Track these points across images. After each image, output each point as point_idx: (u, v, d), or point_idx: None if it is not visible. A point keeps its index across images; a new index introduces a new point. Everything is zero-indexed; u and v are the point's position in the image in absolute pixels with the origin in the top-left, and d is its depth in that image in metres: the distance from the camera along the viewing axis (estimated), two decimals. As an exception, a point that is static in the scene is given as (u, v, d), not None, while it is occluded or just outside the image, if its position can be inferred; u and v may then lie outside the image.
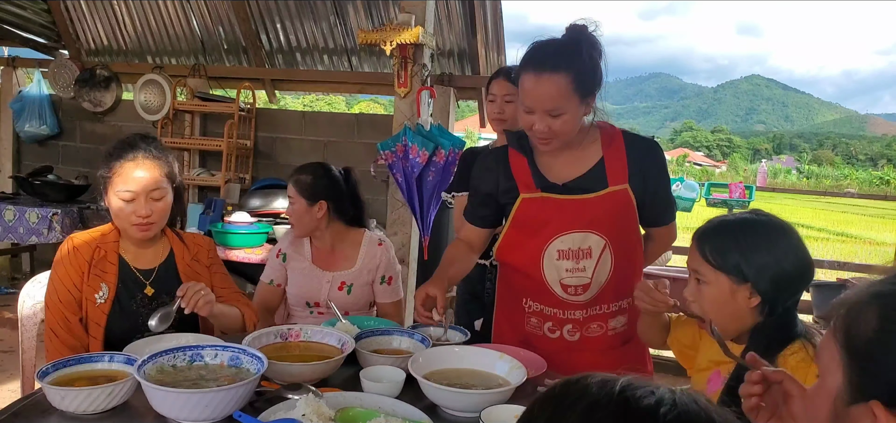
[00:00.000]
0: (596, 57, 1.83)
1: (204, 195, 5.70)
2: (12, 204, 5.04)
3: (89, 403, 1.45)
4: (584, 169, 1.93)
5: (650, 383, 0.68)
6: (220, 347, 1.65)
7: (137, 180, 1.95)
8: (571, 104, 1.80)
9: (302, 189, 2.50)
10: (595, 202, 1.90)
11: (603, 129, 1.96)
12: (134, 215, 1.95)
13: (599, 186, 1.91)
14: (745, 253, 1.48)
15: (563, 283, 1.94)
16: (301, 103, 30.42)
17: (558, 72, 1.77)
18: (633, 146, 1.94)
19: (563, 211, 1.91)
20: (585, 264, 1.91)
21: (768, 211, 1.57)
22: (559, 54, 1.80)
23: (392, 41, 4.04)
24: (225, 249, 4.27)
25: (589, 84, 1.82)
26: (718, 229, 1.55)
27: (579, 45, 1.81)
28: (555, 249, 1.92)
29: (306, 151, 5.59)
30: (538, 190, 1.94)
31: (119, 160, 1.96)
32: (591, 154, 1.93)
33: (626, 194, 1.91)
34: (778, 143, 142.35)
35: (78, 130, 6.32)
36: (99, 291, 1.98)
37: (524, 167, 1.97)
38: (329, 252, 2.58)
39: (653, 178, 1.95)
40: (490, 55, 5.26)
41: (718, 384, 1.57)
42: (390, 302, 2.57)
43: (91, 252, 2.00)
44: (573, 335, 1.98)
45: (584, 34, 1.81)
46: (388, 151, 3.97)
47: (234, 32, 5.80)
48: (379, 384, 1.63)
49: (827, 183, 41.81)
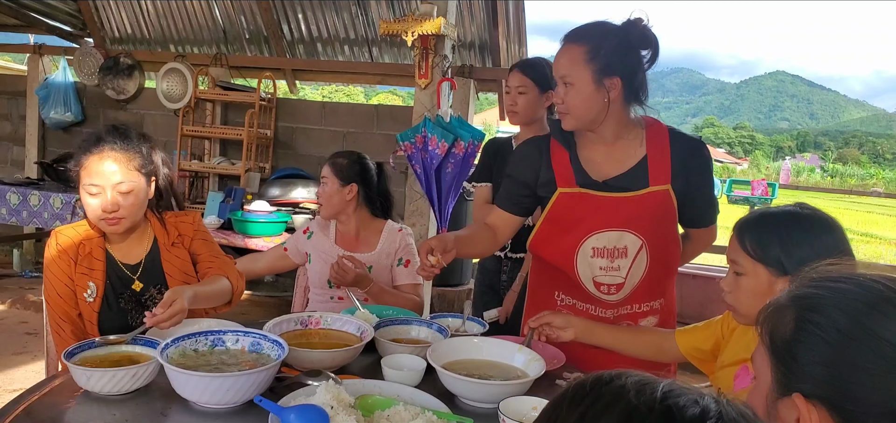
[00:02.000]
0: (626, 44, 1.80)
1: (224, 184, 5.75)
2: (37, 189, 5.12)
3: (114, 384, 1.47)
4: (625, 167, 1.89)
5: (692, 389, 0.64)
6: (242, 332, 1.67)
7: (102, 174, 1.87)
8: (583, 75, 1.79)
9: (337, 170, 2.58)
10: (634, 202, 1.86)
11: (649, 125, 1.92)
12: (100, 210, 1.88)
13: (640, 185, 1.87)
14: (786, 246, 1.45)
15: (596, 280, 1.91)
16: (320, 94, 30.52)
17: (576, 42, 1.81)
18: (678, 145, 1.89)
19: (600, 209, 1.88)
20: (620, 263, 1.88)
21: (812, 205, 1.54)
22: (585, 28, 1.83)
23: (413, 32, 4.04)
24: (244, 237, 4.31)
25: (606, 62, 1.78)
26: (760, 220, 1.52)
27: (611, 26, 1.81)
28: (589, 246, 1.88)
29: (326, 141, 5.61)
30: (577, 185, 1.91)
31: (85, 154, 1.90)
32: (635, 152, 1.89)
33: (667, 195, 1.87)
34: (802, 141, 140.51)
35: (101, 117, 6.39)
36: (87, 289, 1.95)
37: (565, 161, 1.94)
38: (353, 237, 2.64)
39: (696, 178, 1.90)
40: (511, 47, 5.25)
41: (747, 379, 1.55)
42: (410, 284, 2.59)
43: (76, 249, 1.96)
44: None
45: (629, 23, 1.80)
46: (408, 143, 3.98)
47: (256, 22, 5.83)
48: (400, 372, 1.64)
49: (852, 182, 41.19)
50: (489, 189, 2.84)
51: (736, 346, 1.66)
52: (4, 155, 6.87)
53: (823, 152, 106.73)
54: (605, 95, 1.81)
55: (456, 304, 4.91)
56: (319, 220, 2.72)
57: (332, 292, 2.59)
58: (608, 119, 1.85)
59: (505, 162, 2.79)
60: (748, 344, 1.59)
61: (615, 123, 1.87)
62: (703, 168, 1.93)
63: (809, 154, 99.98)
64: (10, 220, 5.16)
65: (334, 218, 2.65)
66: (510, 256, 2.79)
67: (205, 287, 1.94)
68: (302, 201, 4.82)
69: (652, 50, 1.83)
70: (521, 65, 2.77)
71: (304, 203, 4.81)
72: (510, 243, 2.77)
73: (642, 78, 1.85)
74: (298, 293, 2.89)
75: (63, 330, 1.95)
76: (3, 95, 6.82)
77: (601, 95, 1.81)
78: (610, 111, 1.83)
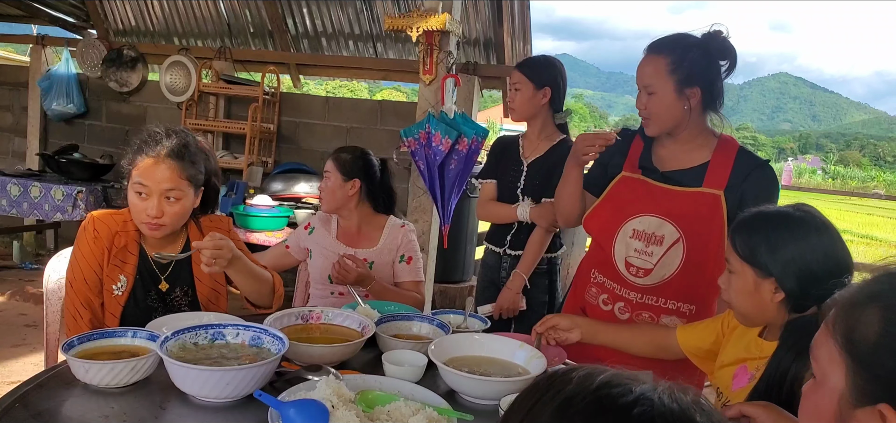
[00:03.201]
0: (707, 56, 1.90)
1: (227, 178, 5.73)
2: (38, 181, 5.12)
3: (112, 376, 1.46)
4: (688, 165, 1.98)
5: (636, 378, 0.65)
6: (242, 326, 1.66)
7: (153, 178, 1.86)
8: (665, 85, 1.90)
9: (340, 165, 2.58)
10: (682, 196, 1.95)
11: (723, 138, 2.00)
12: (144, 214, 1.87)
13: (694, 184, 1.95)
14: (772, 248, 1.45)
15: (628, 260, 2.00)
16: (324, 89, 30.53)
17: (660, 54, 1.92)
18: (743, 158, 1.96)
19: (650, 195, 1.99)
20: (654, 249, 1.96)
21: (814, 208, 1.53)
22: (669, 40, 1.94)
23: (418, 27, 4.02)
24: (246, 231, 4.30)
25: (688, 73, 1.88)
26: (751, 220, 1.53)
27: (692, 39, 1.91)
28: (631, 227, 2.00)
29: (329, 136, 5.60)
30: (639, 171, 2.03)
31: (141, 154, 1.88)
32: (701, 155, 1.98)
33: (717, 200, 1.92)
34: (804, 142, 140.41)
35: (104, 109, 6.38)
36: (117, 282, 1.94)
37: (639, 150, 2.07)
38: (354, 232, 2.64)
39: (752, 195, 1.91)
40: (516, 45, 5.23)
41: (745, 379, 1.55)
42: (411, 280, 2.59)
43: (111, 238, 1.94)
44: (623, 314, 2.03)
45: (709, 35, 1.91)
46: (411, 138, 3.96)
47: (261, 16, 5.82)
48: (401, 368, 1.63)
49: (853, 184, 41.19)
50: (494, 186, 2.85)
51: (736, 345, 1.66)
52: (6, 146, 6.87)
53: (825, 154, 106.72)
54: (685, 102, 1.92)
55: (458, 300, 4.90)
56: (321, 215, 2.71)
57: (332, 287, 2.58)
58: (686, 125, 1.96)
59: (511, 160, 2.79)
60: (748, 345, 1.59)
61: (692, 129, 1.97)
62: (761, 186, 1.94)
63: (811, 156, 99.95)
64: (11, 211, 5.15)
65: (336, 213, 2.64)
66: (509, 252, 2.80)
67: (250, 262, 1.98)
68: (304, 196, 4.81)
69: (730, 60, 1.93)
70: (518, 63, 2.83)
71: (307, 198, 4.80)
72: (510, 240, 2.78)
73: (720, 87, 1.95)
74: (299, 289, 2.88)
75: (81, 317, 1.92)
76: (5, 86, 6.81)
77: (682, 103, 1.92)
78: (688, 118, 1.94)
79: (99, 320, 1.95)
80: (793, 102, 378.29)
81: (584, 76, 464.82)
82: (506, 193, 2.80)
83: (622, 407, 0.62)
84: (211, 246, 1.83)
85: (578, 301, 2.18)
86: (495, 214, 2.84)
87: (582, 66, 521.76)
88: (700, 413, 0.63)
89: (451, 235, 4.10)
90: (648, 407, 0.62)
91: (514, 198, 2.76)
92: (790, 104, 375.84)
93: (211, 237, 1.85)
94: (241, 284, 2.00)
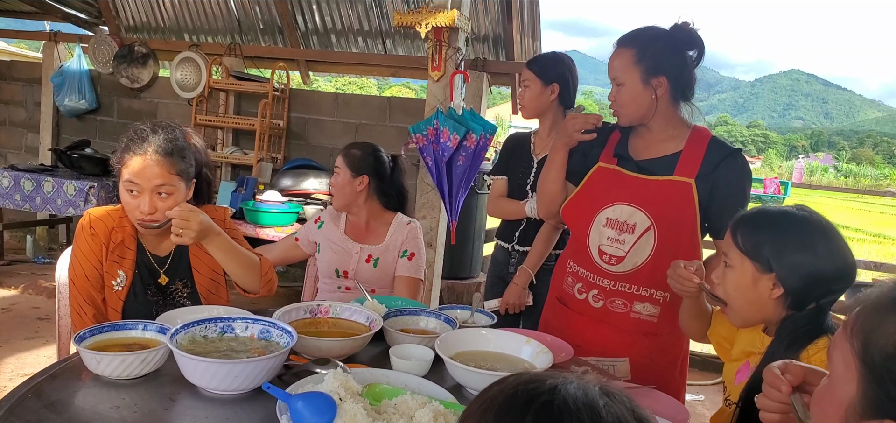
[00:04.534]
0: (672, 46, 1.94)
1: (236, 174, 5.76)
2: (51, 176, 5.15)
3: (123, 368, 1.48)
4: (660, 154, 2.00)
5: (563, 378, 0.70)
6: (251, 320, 1.68)
7: (143, 175, 1.87)
8: (631, 76, 1.94)
9: (349, 161, 2.59)
10: (653, 184, 1.97)
11: (696, 129, 2.03)
12: (137, 211, 1.89)
13: (665, 173, 1.97)
14: (777, 245, 1.46)
15: (600, 248, 2.03)
16: (333, 86, 30.57)
17: (626, 46, 1.97)
18: (714, 148, 1.97)
19: (624, 184, 2.01)
20: (626, 237, 1.98)
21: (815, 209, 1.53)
22: (635, 33, 2.00)
23: (427, 24, 4.03)
24: (256, 227, 4.32)
25: (652, 64, 1.93)
26: (755, 217, 1.53)
27: (657, 31, 1.96)
28: (604, 216, 2.02)
29: (338, 133, 5.61)
30: (614, 160, 2.06)
31: (129, 152, 1.89)
32: (674, 145, 2.00)
33: (688, 188, 1.93)
34: (816, 140, 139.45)
35: (115, 105, 6.42)
36: (116, 277, 1.96)
37: (615, 141, 2.11)
38: (362, 228, 2.65)
39: (724, 183, 1.93)
40: (525, 42, 5.22)
41: (746, 374, 1.56)
42: (407, 276, 2.58)
43: (108, 234, 1.97)
44: (597, 302, 2.06)
45: (676, 28, 1.95)
46: (420, 135, 3.97)
47: (271, 12, 5.83)
48: (408, 362, 1.64)
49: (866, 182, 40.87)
50: (505, 182, 2.86)
51: (743, 340, 1.66)
52: (19, 142, 6.93)
53: (837, 152, 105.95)
54: (652, 92, 1.95)
55: (465, 297, 4.91)
56: (331, 210, 2.73)
57: (340, 281, 2.60)
58: (657, 115, 1.99)
59: (522, 156, 2.81)
60: (753, 340, 1.59)
61: (663, 119, 2.00)
62: (733, 175, 1.95)
63: (823, 154, 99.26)
64: (24, 206, 5.20)
65: (345, 209, 2.66)
66: (517, 248, 2.81)
67: (232, 242, 1.98)
68: (314, 192, 4.83)
69: (697, 50, 1.96)
70: (528, 60, 2.84)
71: (316, 194, 4.82)
72: (518, 236, 2.79)
73: (688, 77, 1.99)
74: (308, 283, 2.90)
75: (85, 313, 1.95)
76: (18, 82, 6.87)
77: (649, 92, 1.95)
78: (658, 107, 1.97)
79: (103, 315, 1.97)
80: (805, 99, 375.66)
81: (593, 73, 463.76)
82: (516, 189, 2.81)
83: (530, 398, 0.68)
84: (176, 214, 1.84)
85: (556, 292, 2.23)
86: (505, 210, 2.85)
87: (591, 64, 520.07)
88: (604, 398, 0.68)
89: (458, 231, 4.12)
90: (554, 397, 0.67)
91: (524, 194, 2.77)
92: (802, 101, 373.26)
93: (180, 207, 1.86)
94: (223, 263, 2.00)
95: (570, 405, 0.66)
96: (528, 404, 0.67)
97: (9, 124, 6.98)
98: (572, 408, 0.66)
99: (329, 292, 2.63)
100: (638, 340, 2.02)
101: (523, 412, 0.67)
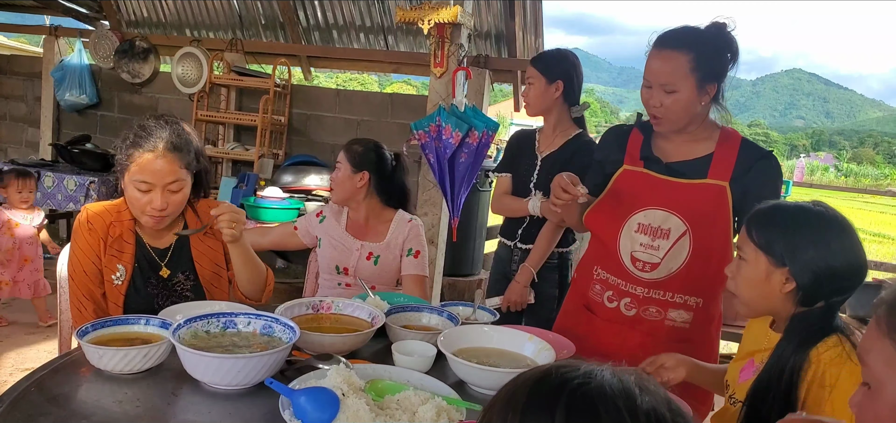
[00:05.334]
0: (722, 51, 1.85)
1: (238, 169, 5.76)
2: (51, 171, 5.15)
3: (125, 363, 1.48)
4: (691, 157, 1.94)
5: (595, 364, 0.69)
6: (254, 315, 1.67)
7: (155, 173, 1.85)
8: (687, 84, 1.84)
9: (350, 156, 2.59)
10: (687, 188, 1.91)
11: (725, 130, 1.97)
12: (149, 207, 1.88)
13: (699, 175, 1.91)
14: (791, 241, 1.45)
15: (633, 255, 1.96)
16: (335, 82, 30.54)
17: (679, 50, 1.83)
18: (746, 149, 1.92)
19: (655, 188, 1.94)
20: (660, 243, 1.92)
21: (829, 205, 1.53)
22: (684, 35, 1.86)
23: (429, 20, 4.02)
24: (257, 223, 4.32)
25: (708, 70, 1.84)
26: (771, 212, 1.52)
27: (707, 33, 1.85)
28: (636, 221, 1.96)
29: (339, 129, 5.61)
30: (641, 163, 1.98)
31: (138, 149, 1.86)
32: (705, 147, 1.94)
33: (722, 191, 1.89)
34: (817, 139, 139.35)
35: (116, 100, 6.42)
36: (116, 271, 1.95)
37: (639, 143, 2.02)
38: (363, 224, 2.64)
39: (756, 185, 1.88)
40: (527, 39, 5.22)
41: (750, 372, 1.55)
42: (415, 275, 2.59)
43: (106, 228, 1.95)
44: (629, 310, 2.00)
45: (718, 28, 1.85)
46: (422, 131, 3.96)
47: (272, 8, 5.83)
48: (410, 358, 1.64)
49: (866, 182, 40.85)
50: (509, 179, 2.85)
51: (748, 339, 1.66)
52: (19, 136, 6.92)
53: (838, 151, 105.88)
54: (703, 100, 1.87)
55: (467, 294, 4.91)
56: (333, 206, 2.72)
57: (340, 277, 2.60)
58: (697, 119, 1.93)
59: (526, 154, 2.80)
60: (759, 338, 1.59)
61: (698, 122, 1.94)
62: (766, 177, 1.90)
63: (824, 153, 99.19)
64: (25, 200, 5.19)
65: (345, 204, 2.65)
66: (520, 246, 2.80)
67: (251, 248, 2.04)
68: (315, 188, 4.83)
69: (733, 53, 1.88)
70: (532, 57, 2.83)
71: (317, 190, 4.81)
72: (521, 234, 2.79)
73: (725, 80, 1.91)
74: (310, 279, 2.90)
75: (85, 308, 1.93)
76: (19, 77, 6.87)
77: (701, 100, 1.87)
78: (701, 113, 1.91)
79: (103, 310, 1.96)
80: (806, 98, 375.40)
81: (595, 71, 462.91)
82: (520, 186, 2.81)
83: (565, 380, 0.67)
84: (228, 209, 1.90)
85: (581, 300, 2.15)
86: (508, 207, 2.85)
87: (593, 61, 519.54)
88: (642, 391, 0.66)
89: (460, 228, 4.11)
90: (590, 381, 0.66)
91: (527, 192, 2.76)
92: (803, 101, 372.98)
93: (226, 205, 1.92)
94: (238, 267, 2.02)
95: (606, 391, 0.65)
96: (562, 387, 0.66)
97: (9, 119, 6.98)
98: (608, 394, 0.65)
99: (329, 289, 2.62)
100: (670, 347, 1.95)
101: (556, 395, 0.66)
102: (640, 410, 0.64)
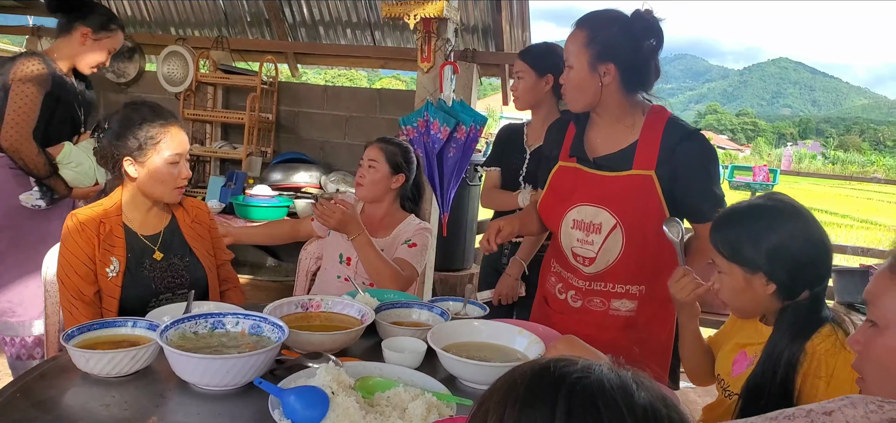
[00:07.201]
0: (629, 33, 1.85)
1: (226, 168, 5.73)
2: (38, 172, 5.09)
3: (113, 366, 1.47)
4: (616, 148, 1.94)
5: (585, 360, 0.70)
6: (242, 315, 1.67)
7: (183, 143, 2.05)
8: (580, 61, 1.87)
9: (389, 156, 2.61)
10: (613, 182, 1.91)
11: (651, 113, 1.95)
12: (179, 178, 2.04)
13: (624, 167, 1.91)
14: (754, 242, 1.46)
15: (573, 251, 2.00)
16: (323, 78, 30.43)
17: (579, 27, 1.89)
18: (669, 133, 1.90)
19: (585, 184, 1.96)
20: (594, 238, 1.94)
21: (785, 194, 1.54)
22: (589, 15, 1.91)
23: (416, 14, 4.01)
24: (246, 221, 4.30)
25: (603, 48, 1.84)
26: (728, 219, 1.55)
27: (612, 14, 1.86)
28: (571, 218, 1.98)
29: (328, 125, 5.58)
30: (573, 160, 2.01)
31: (166, 123, 2.01)
32: (628, 136, 1.94)
33: (649, 180, 1.88)
34: (804, 127, 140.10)
35: (101, 100, 6.35)
36: (110, 265, 1.99)
37: (571, 137, 2.05)
38: (376, 221, 2.66)
39: (685, 168, 1.88)
40: (514, 32, 5.21)
41: (744, 364, 1.56)
42: (402, 258, 2.52)
43: (97, 226, 2.00)
44: (575, 302, 2.04)
45: (636, 12, 1.86)
46: (410, 127, 3.95)
47: (258, 5, 5.79)
48: (400, 354, 1.64)
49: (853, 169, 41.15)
50: (498, 174, 2.86)
51: (737, 331, 1.68)
52: (5, 138, 6.85)
53: (825, 139, 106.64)
54: (599, 79, 1.87)
55: (457, 288, 4.91)
56: (351, 198, 2.75)
57: (341, 269, 2.59)
58: (605, 102, 1.92)
59: (515, 147, 2.80)
60: (749, 331, 1.60)
61: (614, 107, 1.93)
62: (695, 158, 1.89)
63: (811, 141, 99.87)
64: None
65: (373, 201, 2.65)
66: (510, 240, 2.80)
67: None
68: (304, 186, 4.81)
69: (656, 39, 1.86)
70: (521, 51, 2.82)
71: (307, 187, 4.79)
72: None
73: (643, 66, 1.89)
74: (300, 278, 2.88)
75: (75, 309, 1.96)
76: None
77: (595, 79, 1.87)
78: (605, 95, 1.89)
79: (96, 307, 1.98)
80: (793, 87, 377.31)
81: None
82: (509, 180, 2.81)
83: (564, 374, 0.67)
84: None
85: (542, 290, 2.22)
86: (498, 201, 2.85)
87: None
88: (639, 386, 0.68)
89: (450, 223, 4.10)
90: (589, 375, 0.67)
91: (517, 185, 2.77)
92: (790, 89, 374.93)
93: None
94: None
95: (605, 385, 0.66)
96: (560, 382, 0.67)
97: (-6, 121, 6.90)
98: (607, 388, 0.66)
99: (328, 283, 2.61)
100: (618, 335, 1.99)
101: (555, 390, 0.66)
102: (638, 405, 0.65)
